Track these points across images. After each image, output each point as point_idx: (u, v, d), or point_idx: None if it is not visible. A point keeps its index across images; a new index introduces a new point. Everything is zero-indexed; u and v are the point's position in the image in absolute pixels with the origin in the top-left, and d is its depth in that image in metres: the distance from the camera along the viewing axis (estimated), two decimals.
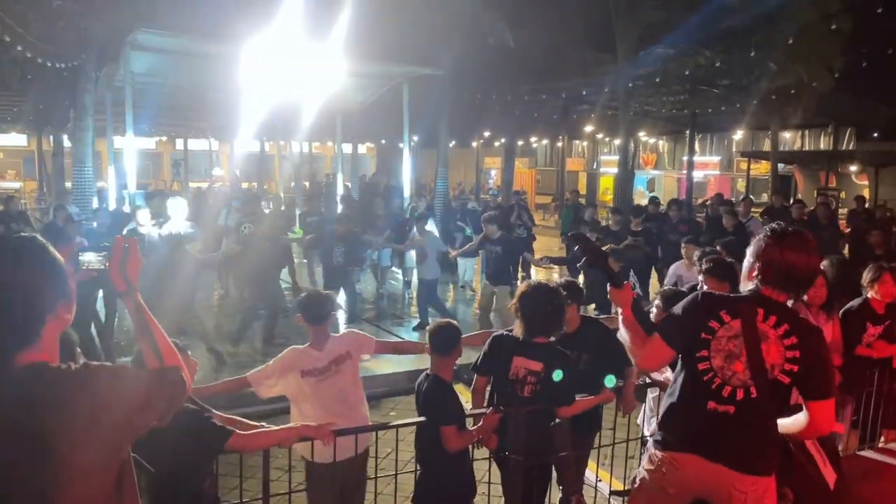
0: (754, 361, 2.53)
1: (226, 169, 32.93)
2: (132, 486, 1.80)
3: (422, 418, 3.53)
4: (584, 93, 19.54)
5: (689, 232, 9.84)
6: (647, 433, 4.36)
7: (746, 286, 2.68)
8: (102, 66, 12.57)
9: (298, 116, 14.56)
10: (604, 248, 4.67)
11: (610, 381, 3.72)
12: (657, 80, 16.23)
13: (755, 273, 2.61)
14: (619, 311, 2.84)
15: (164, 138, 34.62)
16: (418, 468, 3.61)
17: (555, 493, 4.25)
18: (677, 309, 2.70)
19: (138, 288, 1.87)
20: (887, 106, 20.70)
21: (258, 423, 3.22)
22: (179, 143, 31.83)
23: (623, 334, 2.84)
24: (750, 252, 2.65)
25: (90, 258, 1.93)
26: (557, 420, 3.64)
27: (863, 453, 4.98)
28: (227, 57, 11.42)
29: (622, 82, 16.33)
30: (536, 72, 17.77)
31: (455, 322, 3.74)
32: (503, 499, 3.95)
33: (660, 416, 2.79)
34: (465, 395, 7.23)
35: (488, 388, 3.94)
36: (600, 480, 5.12)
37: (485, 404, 3.85)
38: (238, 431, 2.98)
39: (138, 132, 13.06)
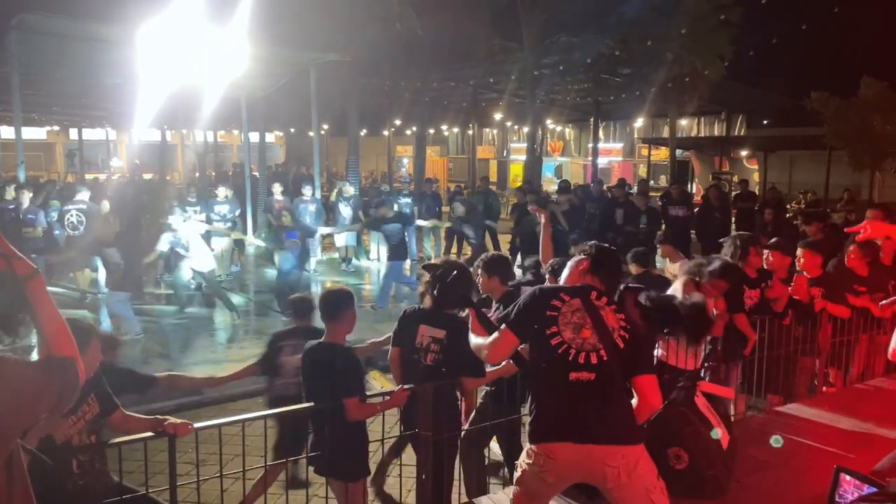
0: (598, 325, 2.82)
1: (125, 159, 31.51)
2: (22, 476, 1.75)
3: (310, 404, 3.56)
4: (492, 80, 19.81)
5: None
6: None
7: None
8: None
9: (201, 104, 14.08)
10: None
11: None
12: (561, 68, 16.66)
13: (582, 272, 3.07)
14: (470, 318, 3.15)
15: (57, 128, 32.70)
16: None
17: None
18: (519, 302, 2.97)
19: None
20: (775, 94, 22.04)
21: (165, 417, 3.16)
22: (74, 133, 30.11)
23: (473, 339, 3.10)
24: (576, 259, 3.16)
25: None
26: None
27: (754, 416, 5.35)
28: (122, 41, 10.91)
29: (528, 70, 16.66)
30: (445, 60, 17.87)
31: (347, 287, 3.83)
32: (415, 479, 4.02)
33: (529, 409, 2.93)
34: (379, 382, 7.27)
35: None
36: None
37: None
38: (123, 410, 3.09)
39: (27, 121, 12.33)
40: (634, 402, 2.88)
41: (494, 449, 4.48)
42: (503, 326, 2.91)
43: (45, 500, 1.83)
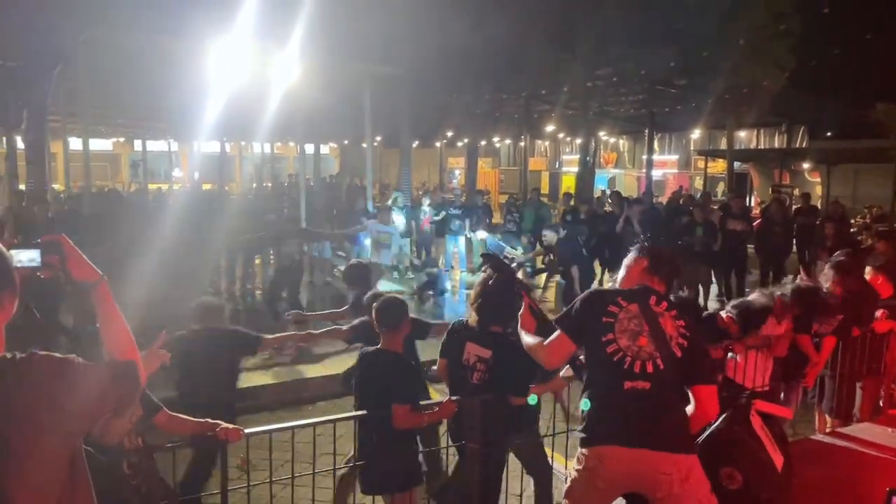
0: (656, 332, 2.75)
1: (185, 170, 32.46)
2: (84, 475, 1.81)
3: (361, 412, 3.56)
4: (544, 92, 19.74)
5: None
6: None
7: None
8: (56, 64, 12.32)
9: (259, 116, 14.45)
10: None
11: (532, 399, 3.79)
12: (615, 79, 16.49)
13: (642, 272, 2.99)
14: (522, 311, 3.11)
15: (122, 139, 33.96)
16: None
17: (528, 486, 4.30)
18: (574, 304, 2.92)
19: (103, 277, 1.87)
20: (838, 105, 21.36)
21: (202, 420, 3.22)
22: (138, 145, 31.23)
23: (524, 338, 3.06)
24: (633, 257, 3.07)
25: (21, 256, 1.82)
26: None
27: (813, 437, 5.17)
28: (185, 55, 11.29)
29: (580, 82, 16.56)
30: (498, 71, 17.90)
31: (401, 297, 3.86)
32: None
33: (581, 415, 2.89)
34: (430, 393, 7.30)
35: None
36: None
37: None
38: (167, 411, 3.12)
39: (95, 133, 12.86)
40: (690, 408, 2.81)
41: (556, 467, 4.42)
42: (559, 331, 2.87)
43: (104, 500, 1.89)
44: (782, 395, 5.36)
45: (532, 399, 3.74)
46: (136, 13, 11.12)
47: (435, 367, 4.12)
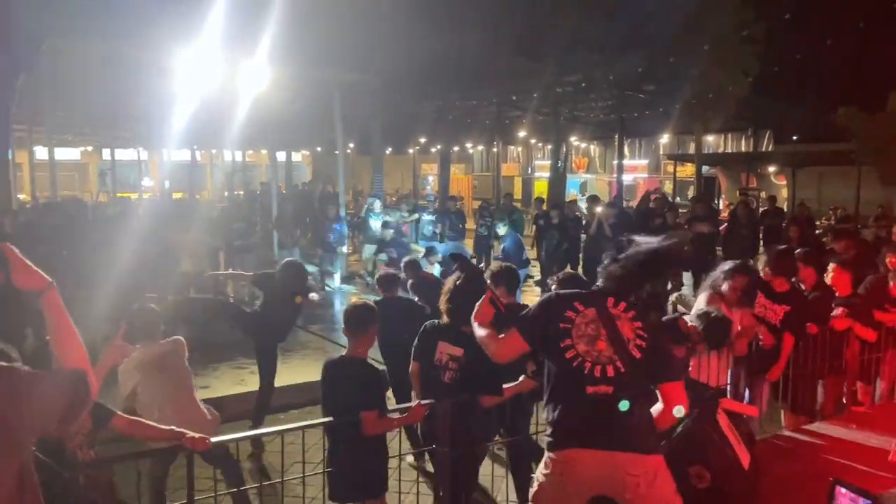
0: (613, 336, 2.76)
1: (156, 179, 32.06)
2: (34, 486, 1.78)
3: (328, 419, 3.55)
4: (514, 98, 19.86)
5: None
6: None
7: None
8: (18, 73, 12.12)
9: (228, 124, 14.36)
10: None
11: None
12: (583, 85, 16.65)
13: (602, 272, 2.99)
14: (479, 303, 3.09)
15: (90, 148, 33.47)
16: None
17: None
18: (533, 306, 2.95)
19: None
20: (802, 109, 21.79)
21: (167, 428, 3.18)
22: (106, 154, 30.78)
23: (477, 329, 3.05)
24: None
25: None
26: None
27: (779, 434, 5.26)
28: (151, 63, 11.19)
29: (550, 88, 16.69)
30: (468, 78, 17.96)
31: (370, 302, 3.86)
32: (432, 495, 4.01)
33: (547, 419, 2.90)
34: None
35: None
36: None
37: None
38: (119, 413, 3.04)
39: (62, 143, 12.68)
40: (658, 407, 2.84)
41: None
42: (514, 329, 2.88)
43: None
44: (748, 392, 5.47)
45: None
46: (99, 21, 10.99)
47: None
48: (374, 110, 15.58)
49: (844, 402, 5.79)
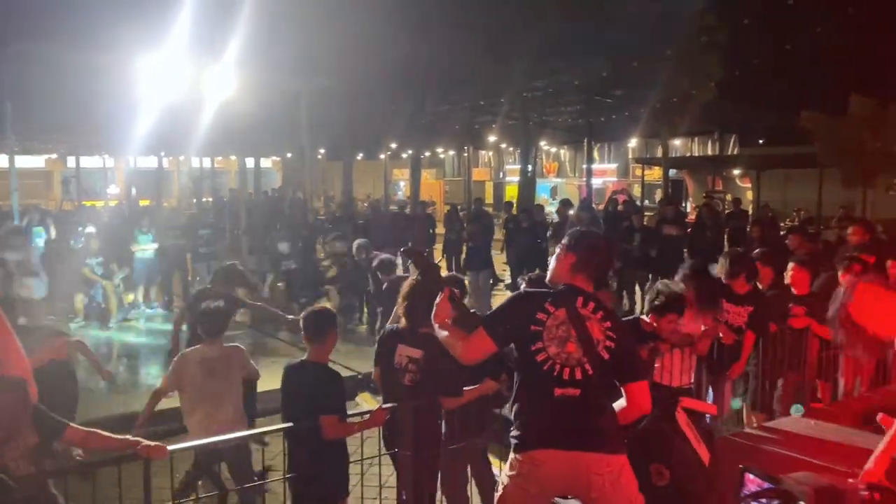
0: (583, 337, 2.78)
1: (122, 186, 31.62)
2: None
3: (287, 425, 3.53)
4: (482, 104, 19.97)
5: None
6: None
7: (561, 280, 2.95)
8: None
9: (195, 130, 14.22)
10: None
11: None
12: (550, 90, 16.80)
13: (570, 268, 2.92)
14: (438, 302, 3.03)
15: (55, 156, 32.87)
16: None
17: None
18: (502, 306, 2.95)
19: None
20: (766, 113, 22.21)
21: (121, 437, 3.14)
22: (71, 161, 30.27)
23: (439, 331, 3.01)
24: (562, 249, 2.99)
25: None
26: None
27: (740, 432, 5.34)
28: (117, 69, 11.05)
29: (518, 93, 16.81)
30: (438, 83, 18.02)
31: (330, 308, 3.83)
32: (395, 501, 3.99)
33: (513, 420, 2.91)
34: (370, 404, 7.24)
35: None
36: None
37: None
38: (73, 426, 2.98)
39: (28, 150, 12.47)
40: (621, 402, 2.88)
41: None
42: (481, 328, 2.85)
43: None
44: (711, 391, 5.55)
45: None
46: (63, 27, 10.85)
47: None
48: (343, 116, 15.54)
49: (805, 399, 5.89)
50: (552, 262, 3.03)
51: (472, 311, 3.36)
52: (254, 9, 11.32)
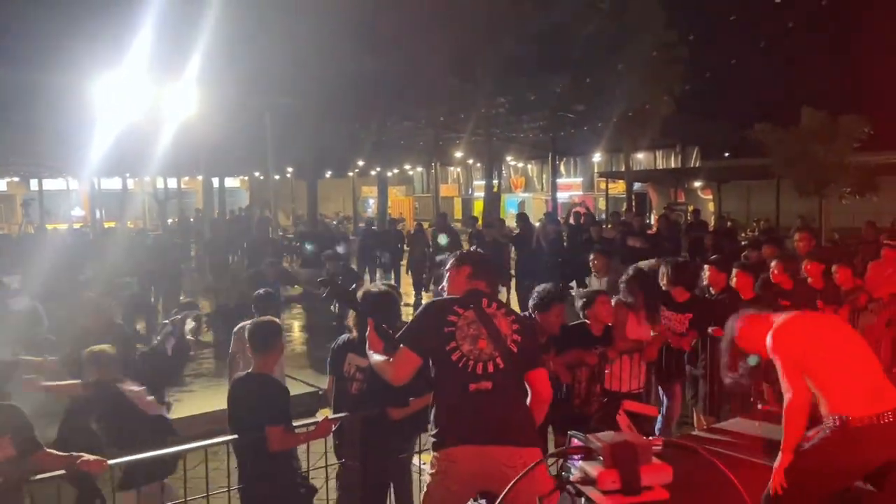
0: (493, 333, 2.96)
1: (87, 208, 31.21)
2: None
3: (233, 436, 3.57)
4: (442, 119, 20.12)
5: None
6: None
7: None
8: None
9: (160, 150, 14.15)
10: None
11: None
12: (508, 107, 17.01)
13: (467, 277, 3.16)
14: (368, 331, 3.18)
15: (17, 179, 32.35)
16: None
17: None
18: (414, 318, 3.10)
19: None
20: (726, 126, 22.69)
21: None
22: (34, 184, 29.83)
23: (372, 357, 3.14)
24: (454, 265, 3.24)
25: None
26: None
27: (690, 434, 5.47)
28: (78, 91, 11.00)
29: (482, 109, 17.00)
30: (404, 101, 18.12)
31: (276, 320, 3.89)
32: None
33: (432, 420, 3.02)
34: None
35: None
36: None
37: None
38: (47, 451, 3.06)
39: None
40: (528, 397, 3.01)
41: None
42: (402, 346, 2.99)
43: None
44: (663, 395, 5.69)
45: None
46: (20, 48, 10.78)
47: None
48: (308, 134, 15.57)
49: (752, 401, 6.04)
50: (446, 279, 3.25)
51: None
52: (217, 28, 11.35)
